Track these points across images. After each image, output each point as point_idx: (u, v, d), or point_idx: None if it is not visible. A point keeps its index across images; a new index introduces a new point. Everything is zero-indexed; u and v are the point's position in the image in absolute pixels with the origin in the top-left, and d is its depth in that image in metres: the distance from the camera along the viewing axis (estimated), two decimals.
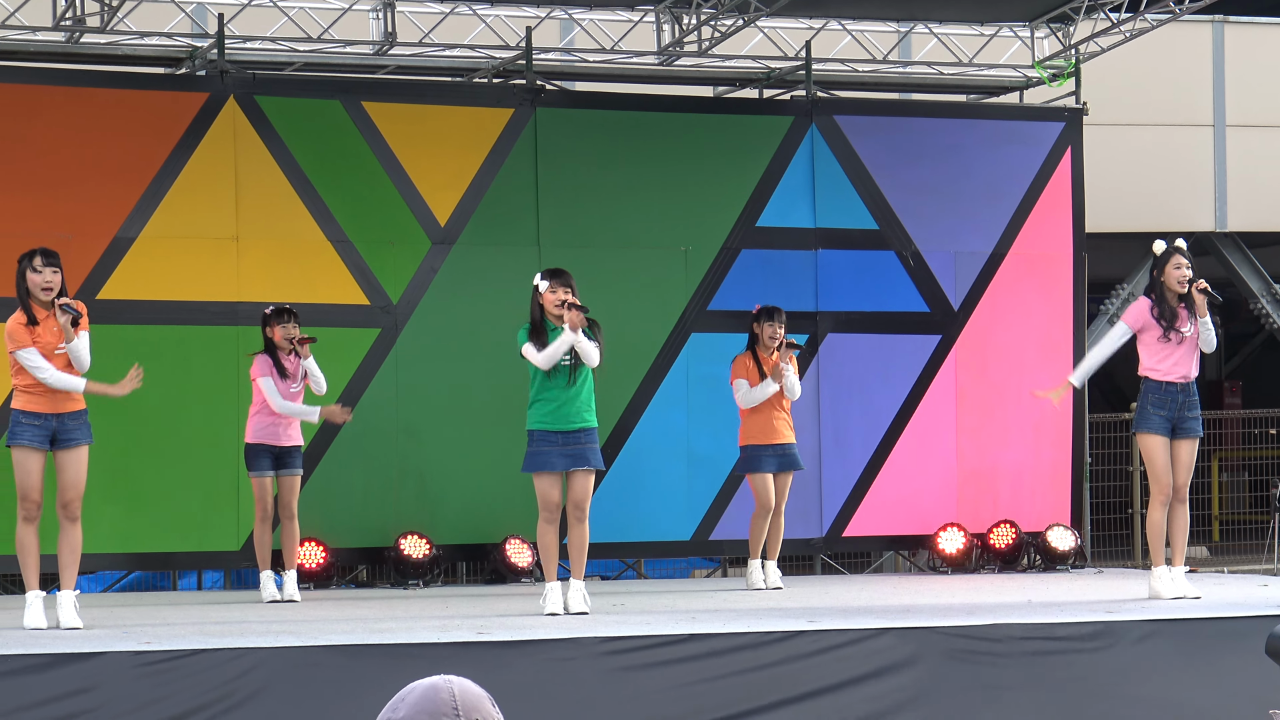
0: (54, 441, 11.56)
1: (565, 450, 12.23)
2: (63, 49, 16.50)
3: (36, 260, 11.58)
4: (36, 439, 11.48)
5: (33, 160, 15.67)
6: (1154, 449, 13.01)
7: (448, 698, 3.80)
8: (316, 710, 10.05)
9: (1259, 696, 10.74)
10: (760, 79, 18.29)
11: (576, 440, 12.24)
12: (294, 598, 14.38)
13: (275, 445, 14.34)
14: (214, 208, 16.10)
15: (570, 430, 12.23)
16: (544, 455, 12.22)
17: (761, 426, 14.90)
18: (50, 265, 11.57)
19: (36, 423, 11.50)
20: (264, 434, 14.35)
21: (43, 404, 11.51)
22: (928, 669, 10.97)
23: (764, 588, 15.02)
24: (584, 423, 12.28)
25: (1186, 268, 13.02)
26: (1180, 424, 13.02)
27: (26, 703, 9.80)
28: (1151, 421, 12.99)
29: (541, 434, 12.24)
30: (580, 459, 12.24)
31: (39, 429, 11.50)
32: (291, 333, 14.43)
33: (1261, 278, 23.89)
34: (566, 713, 10.39)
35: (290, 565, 14.52)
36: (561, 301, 12.11)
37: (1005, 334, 17.99)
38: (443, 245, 16.64)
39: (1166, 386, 12.99)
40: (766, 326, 14.93)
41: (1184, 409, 13.01)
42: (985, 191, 18.02)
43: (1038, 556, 17.73)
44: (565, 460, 12.22)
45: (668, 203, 17.22)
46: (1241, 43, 23.34)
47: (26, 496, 11.51)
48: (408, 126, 16.63)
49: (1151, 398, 13.01)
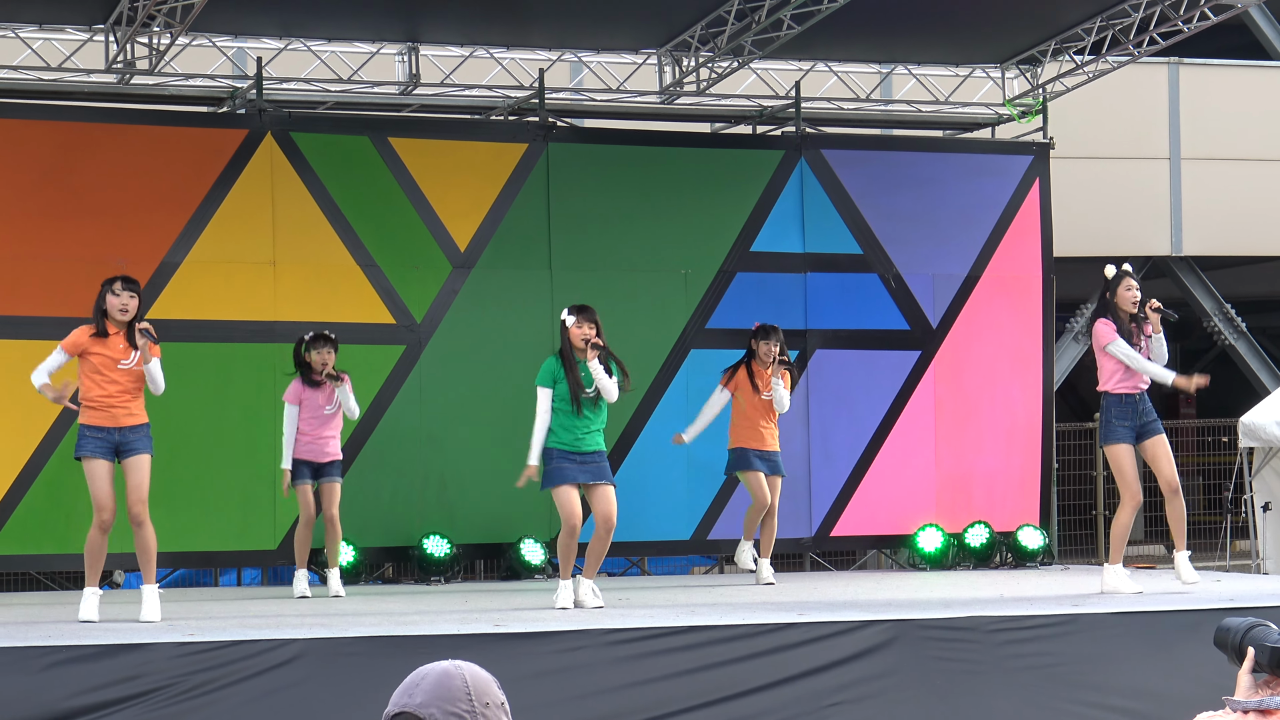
0: (119, 453, 11.59)
1: (584, 467, 12.19)
2: (114, 90, 16.50)
3: (117, 285, 11.69)
4: (100, 451, 11.52)
5: (87, 192, 15.67)
6: (1121, 458, 13.01)
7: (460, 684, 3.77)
8: (347, 696, 10.04)
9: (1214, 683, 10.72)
10: (753, 116, 18.28)
11: (592, 460, 12.22)
12: (339, 593, 14.25)
13: (315, 462, 14.16)
14: (252, 235, 16.09)
15: (586, 452, 12.21)
16: (563, 470, 12.16)
17: (750, 433, 14.87)
18: (129, 290, 11.68)
19: (99, 436, 11.54)
20: (302, 451, 14.07)
21: (104, 418, 11.54)
22: (907, 657, 10.95)
23: (754, 568, 15.01)
24: (597, 446, 12.27)
25: (1136, 289, 13.07)
26: (1143, 428, 13.03)
27: (81, 689, 9.80)
28: (1117, 433, 12.99)
29: (560, 453, 12.20)
30: (599, 474, 12.21)
31: (102, 441, 11.53)
32: (326, 359, 14.03)
33: (1214, 298, 23.88)
34: (577, 698, 10.37)
35: (333, 564, 14.42)
36: (585, 340, 12.12)
37: (980, 350, 17.96)
38: (462, 269, 16.63)
39: (1126, 399, 12.99)
40: (763, 344, 14.90)
41: (1143, 415, 13.04)
42: (960, 219, 18.00)
43: (1009, 554, 17.70)
44: (585, 474, 12.18)
45: (669, 229, 17.20)
46: (1195, 83, 23.34)
47: (103, 506, 11.54)
48: (430, 160, 16.61)
49: (1114, 410, 13.00)
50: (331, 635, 10.39)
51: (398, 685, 3.88)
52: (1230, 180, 23.35)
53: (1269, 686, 4.34)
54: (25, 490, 15.43)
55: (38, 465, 15.39)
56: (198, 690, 9.92)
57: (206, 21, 15.58)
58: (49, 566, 15.73)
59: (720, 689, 10.61)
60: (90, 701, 9.78)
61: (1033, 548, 17.62)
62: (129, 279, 11.83)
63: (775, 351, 14.79)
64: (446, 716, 3.73)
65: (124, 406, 11.58)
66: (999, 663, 11.09)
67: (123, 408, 11.58)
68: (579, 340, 12.17)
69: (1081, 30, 17.29)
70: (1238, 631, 4.45)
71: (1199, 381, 13.10)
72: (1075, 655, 11.23)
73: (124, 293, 11.65)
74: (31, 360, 11.95)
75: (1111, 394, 13.02)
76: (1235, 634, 4.45)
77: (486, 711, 3.74)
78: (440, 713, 3.72)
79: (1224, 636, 4.49)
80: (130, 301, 11.65)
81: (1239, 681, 4.37)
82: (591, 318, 12.24)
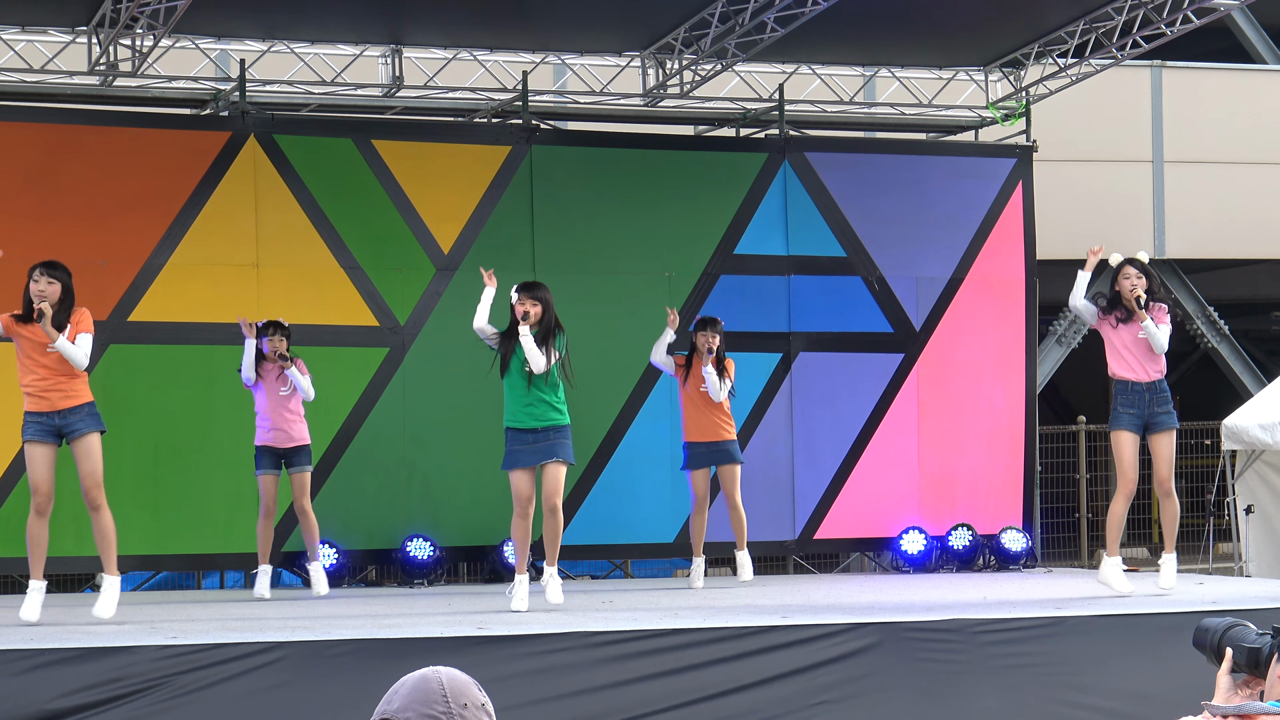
0: (62, 435, 11.52)
1: (535, 447, 12.31)
2: (97, 91, 16.49)
3: (36, 272, 11.61)
4: (39, 434, 11.47)
5: (70, 194, 15.66)
6: (1121, 444, 13.00)
7: (437, 687, 3.82)
8: (330, 699, 10.03)
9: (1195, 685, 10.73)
10: (737, 119, 18.30)
11: (545, 437, 12.35)
12: (323, 592, 14.28)
13: (279, 448, 14.29)
14: (236, 237, 16.09)
15: (539, 428, 12.31)
16: (515, 454, 12.36)
17: (700, 424, 14.90)
18: (46, 277, 11.56)
19: (39, 420, 11.48)
20: (267, 437, 14.32)
21: (41, 404, 11.48)
22: (891, 659, 10.96)
23: (701, 586, 15.02)
24: (552, 421, 12.37)
25: (1134, 278, 13.07)
26: (1152, 419, 13.01)
27: (63, 691, 9.79)
28: (1121, 420, 13.00)
29: (514, 433, 12.38)
30: (548, 453, 12.31)
31: (41, 426, 11.47)
32: (278, 345, 14.34)
33: (1197, 301, 23.91)
34: (561, 701, 10.37)
35: (314, 558, 14.45)
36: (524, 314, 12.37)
37: (963, 352, 17.98)
38: (446, 271, 16.63)
39: (1132, 385, 13.00)
40: (700, 335, 14.93)
41: (1153, 405, 13.01)
42: (944, 222, 18.01)
43: (992, 557, 17.71)
44: (534, 456, 12.30)
45: (652, 232, 17.21)
46: (1178, 86, 23.37)
47: (36, 489, 11.48)
48: (414, 162, 16.62)
49: (1120, 398, 13.05)
50: (314, 638, 10.39)
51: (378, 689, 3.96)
52: (1213, 183, 23.39)
53: (1248, 686, 4.34)
54: (8, 493, 15.41)
55: (21, 467, 15.31)
56: (180, 693, 9.91)
57: (189, 23, 15.57)
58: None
59: (703, 691, 10.61)
60: (73, 704, 9.78)
61: (1016, 550, 17.64)
62: (51, 264, 11.67)
63: (713, 343, 14.78)
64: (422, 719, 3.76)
65: (59, 389, 11.49)
66: (983, 663, 11.09)
67: (57, 390, 11.49)
68: (519, 314, 12.36)
69: (1065, 33, 17.31)
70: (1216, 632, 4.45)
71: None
72: (1059, 656, 11.24)
73: (41, 278, 11.56)
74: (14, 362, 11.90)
75: (1116, 380, 13.08)
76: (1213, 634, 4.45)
77: (464, 713, 3.78)
78: (416, 716, 3.76)
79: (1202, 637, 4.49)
80: (49, 288, 11.53)
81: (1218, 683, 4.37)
82: (536, 295, 12.44)
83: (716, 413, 14.90)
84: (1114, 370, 13.10)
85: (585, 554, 17.10)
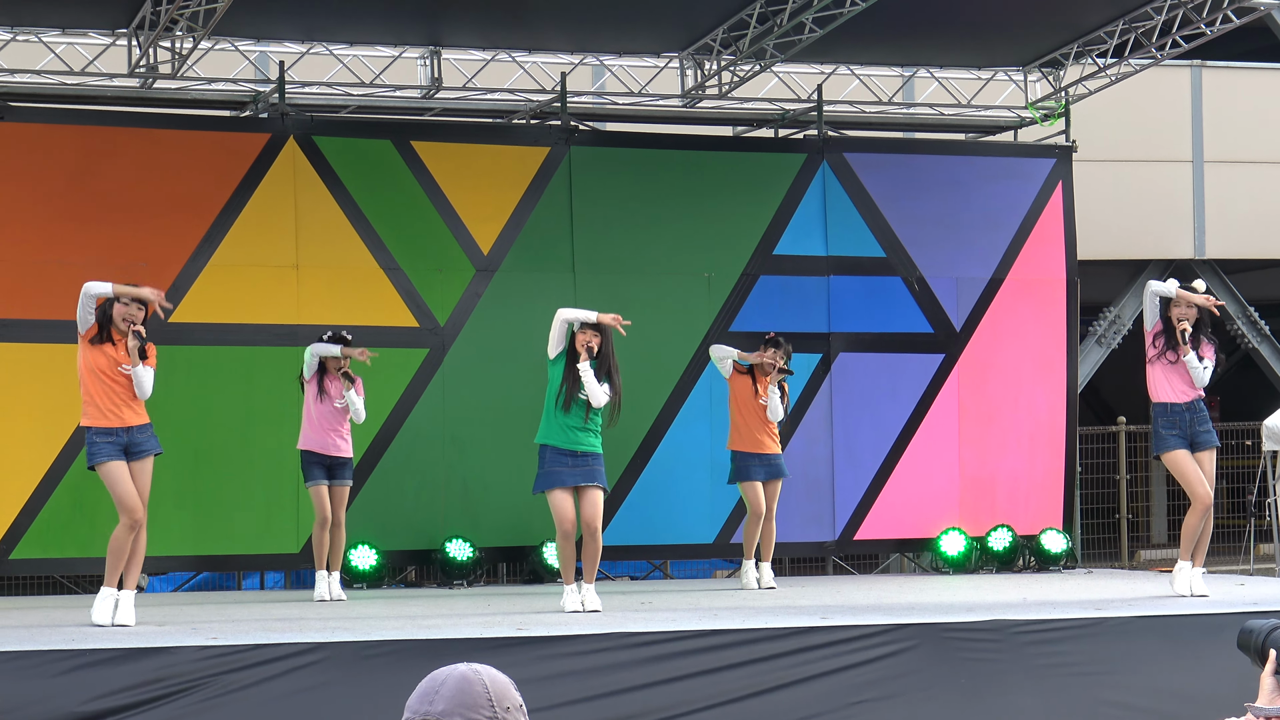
0: (127, 453, 11.53)
1: (575, 470, 12.31)
2: (137, 94, 16.53)
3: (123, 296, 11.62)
4: (115, 453, 11.43)
5: (111, 195, 15.70)
6: (1179, 463, 13.04)
7: (482, 690, 3.72)
8: (369, 699, 10.04)
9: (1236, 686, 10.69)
10: (775, 119, 18.27)
11: (585, 461, 12.36)
12: (340, 597, 14.35)
13: (326, 455, 14.29)
14: (275, 238, 16.11)
15: (580, 452, 12.32)
16: (556, 474, 12.32)
17: (750, 438, 14.93)
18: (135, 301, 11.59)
19: (111, 438, 11.46)
20: (313, 442, 14.30)
21: (111, 420, 11.46)
22: (931, 660, 10.92)
23: (757, 588, 14.99)
24: (593, 447, 12.39)
25: (1185, 306, 13.04)
26: (1195, 438, 13.08)
27: (103, 692, 9.81)
28: (1167, 441, 13.04)
29: (555, 453, 12.32)
30: (589, 477, 12.32)
31: (113, 443, 11.46)
32: (342, 363, 14.36)
33: (1238, 301, 23.81)
34: (600, 701, 10.36)
35: (335, 568, 14.49)
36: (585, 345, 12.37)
37: (1003, 353, 17.93)
38: (486, 272, 16.64)
39: (1172, 407, 13.06)
40: (769, 352, 14.96)
41: (1194, 425, 13.07)
42: (983, 222, 17.97)
43: (1032, 558, 17.66)
44: (575, 477, 12.28)
45: (691, 233, 17.20)
46: (1218, 85, 23.27)
47: (133, 507, 11.37)
48: (453, 164, 16.63)
49: (1161, 420, 13.09)
50: (354, 639, 10.39)
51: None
52: (1253, 183, 23.28)
53: None
54: (50, 493, 15.45)
55: (62, 468, 15.40)
56: (220, 693, 9.92)
57: (229, 25, 15.60)
58: (72, 570, 15.75)
59: (742, 690, 10.59)
60: (114, 705, 9.79)
61: (1056, 551, 17.58)
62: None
63: (780, 363, 14.88)
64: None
65: (130, 406, 11.51)
66: (1023, 663, 11.06)
67: (129, 408, 11.51)
68: (580, 346, 12.35)
69: (1104, 33, 17.26)
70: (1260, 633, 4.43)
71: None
72: (1099, 657, 11.20)
73: (131, 303, 11.58)
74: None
75: (1157, 403, 13.11)
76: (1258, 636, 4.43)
77: (507, 716, 3.70)
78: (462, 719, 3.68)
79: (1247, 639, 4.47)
80: (138, 313, 11.56)
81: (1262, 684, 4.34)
82: (599, 330, 12.46)
83: (770, 426, 14.96)
84: (1154, 393, 13.10)
85: (624, 555, 17.08)
